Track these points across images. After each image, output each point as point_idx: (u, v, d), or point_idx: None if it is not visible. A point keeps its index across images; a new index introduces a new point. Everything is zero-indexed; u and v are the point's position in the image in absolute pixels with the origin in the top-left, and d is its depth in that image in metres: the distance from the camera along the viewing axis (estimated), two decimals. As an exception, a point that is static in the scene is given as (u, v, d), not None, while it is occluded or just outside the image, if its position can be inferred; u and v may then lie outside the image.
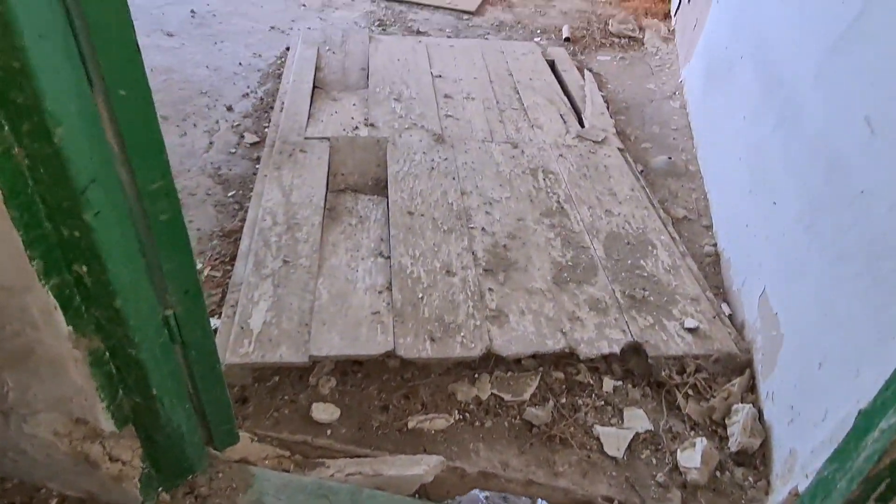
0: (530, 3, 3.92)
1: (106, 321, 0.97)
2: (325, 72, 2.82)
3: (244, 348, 1.52)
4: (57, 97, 0.74)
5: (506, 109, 2.63)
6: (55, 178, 0.79)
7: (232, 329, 1.57)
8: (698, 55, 2.83)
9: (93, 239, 0.86)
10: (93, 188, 0.82)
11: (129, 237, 0.93)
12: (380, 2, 3.72)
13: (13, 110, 0.73)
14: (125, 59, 0.81)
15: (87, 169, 0.81)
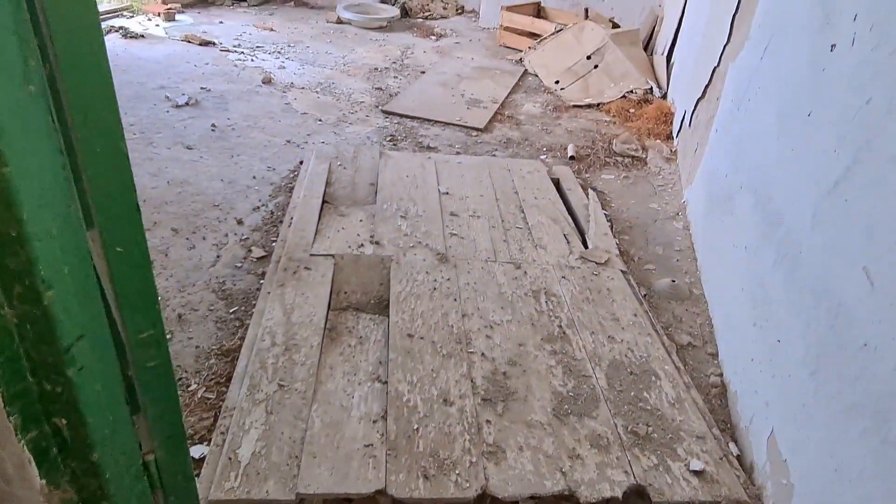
0: (537, 122, 4.07)
1: (82, 473, 0.94)
2: (335, 186, 2.90)
3: (230, 482, 1.47)
4: (51, 262, 0.75)
5: (510, 228, 2.67)
6: (42, 337, 0.79)
7: (220, 459, 1.52)
8: (700, 179, 2.90)
9: (74, 394, 0.85)
10: (79, 345, 0.82)
11: (112, 388, 0.92)
12: (392, 118, 3.89)
13: (5, 274, 0.75)
14: (125, 219, 0.83)
15: (75, 327, 0.81)
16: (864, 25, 1.45)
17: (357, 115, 3.85)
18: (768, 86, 2.14)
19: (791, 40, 1.97)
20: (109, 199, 0.81)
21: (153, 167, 2.95)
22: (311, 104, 3.92)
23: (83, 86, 0.75)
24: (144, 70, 4.06)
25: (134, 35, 4.62)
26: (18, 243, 0.72)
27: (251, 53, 4.64)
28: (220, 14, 5.55)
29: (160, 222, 2.57)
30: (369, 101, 4.08)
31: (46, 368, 0.84)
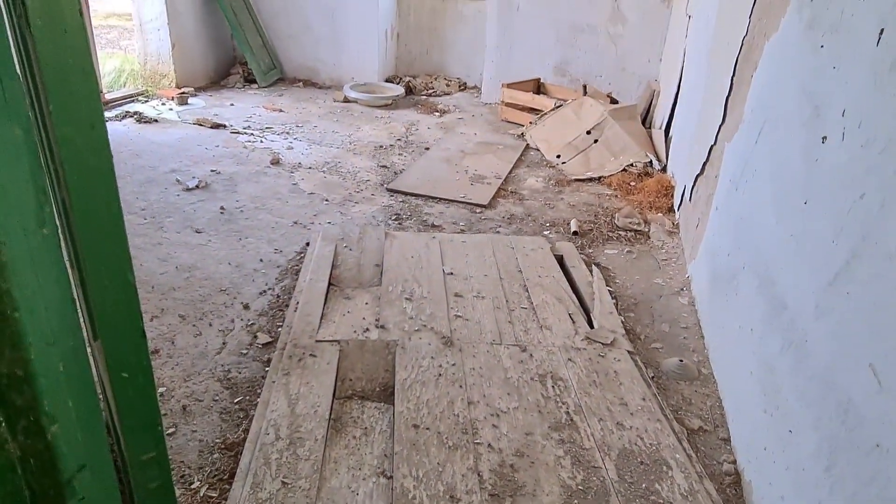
0: (540, 196, 4.14)
1: None
2: (340, 269, 2.94)
3: (231, 592, 1.42)
4: (56, 397, 0.76)
5: (515, 309, 2.68)
6: (44, 470, 0.80)
7: (220, 567, 1.48)
8: (702, 255, 2.92)
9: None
10: (80, 476, 0.82)
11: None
12: (397, 196, 3.96)
13: (11, 410, 0.76)
14: (131, 347, 0.85)
15: (77, 458, 0.81)
16: (853, 121, 1.50)
17: (363, 194, 3.93)
18: (764, 170, 2.18)
19: (783, 128, 2.02)
20: (116, 328, 0.83)
21: (162, 252, 2.99)
22: (318, 184, 4.01)
23: (95, 226, 0.78)
24: (157, 154, 4.19)
25: (148, 120, 4.79)
26: (25, 382, 0.74)
27: (260, 135, 4.78)
28: (232, 96, 5.76)
29: (167, 309, 2.59)
30: (375, 180, 4.17)
31: (48, 500, 0.83)
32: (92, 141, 0.74)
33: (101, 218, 0.78)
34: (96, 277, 0.81)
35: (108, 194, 0.79)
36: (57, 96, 0.71)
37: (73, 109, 0.72)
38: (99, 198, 0.78)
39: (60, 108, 0.72)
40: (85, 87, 0.72)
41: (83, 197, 0.77)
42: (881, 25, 1.41)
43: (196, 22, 5.78)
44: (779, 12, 2.25)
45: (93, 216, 0.78)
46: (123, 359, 0.86)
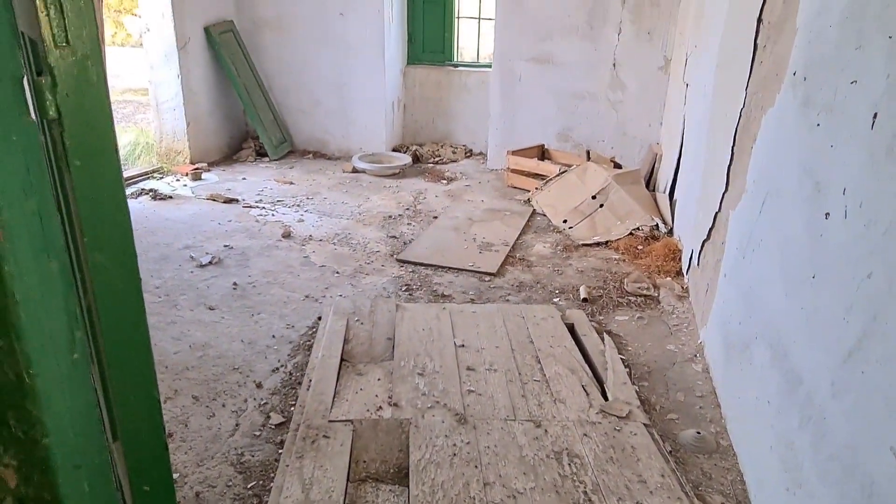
0: (548, 262, 4.17)
1: None
2: (352, 343, 2.95)
3: None
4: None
5: (528, 382, 2.67)
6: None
7: None
8: (714, 322, 2.91)
9: None
10: None
11: None
12: (407, 266, 4.00)
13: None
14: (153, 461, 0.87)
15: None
16: (854, 201, 1.53)
17: (373, 266, 3.98)
18: (769, 240, 2.21)
19: (786, 201, 2.06)
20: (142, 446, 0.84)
21: (176, 331, 3.02)
22: (328, 256, 4.07)
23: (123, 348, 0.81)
24: (171, 231, 4.28)
25: (163, 196, 4.91)
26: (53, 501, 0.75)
27: (272, 208, 4.89)
28: (244, 170, 5.92)
29: (181, 390, 2.59)
30: (384, 250, 4.23)
31: None
32: (123, 266, 0.78)
33: (129, 340, 0.81)
34: (122, 395, 0.83)
35: (136, 317, 0.82)
36: (91, 227, 0.75)
37: (106, 238, 0.76)
38: (128, 321, 0.81)
39: (94, 238, 0.76)
40: (118, 217, 0.77)
41: (113, 321, 0.80)
42: (874, 110, 1.47)
43: (210, 101, 6.00)
44: (773, 87, 2.33)
45: (121, 338, 0.81)
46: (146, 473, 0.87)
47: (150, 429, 0.86)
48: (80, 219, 0.75)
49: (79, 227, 0.76)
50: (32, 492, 0.75)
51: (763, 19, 2.61)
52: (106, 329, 0.80)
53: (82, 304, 0.83)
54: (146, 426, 0.86)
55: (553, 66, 5.93)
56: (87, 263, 0.77)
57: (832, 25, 1.80)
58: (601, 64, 5.82)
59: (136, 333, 0.82)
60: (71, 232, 0.77)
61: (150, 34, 5.49)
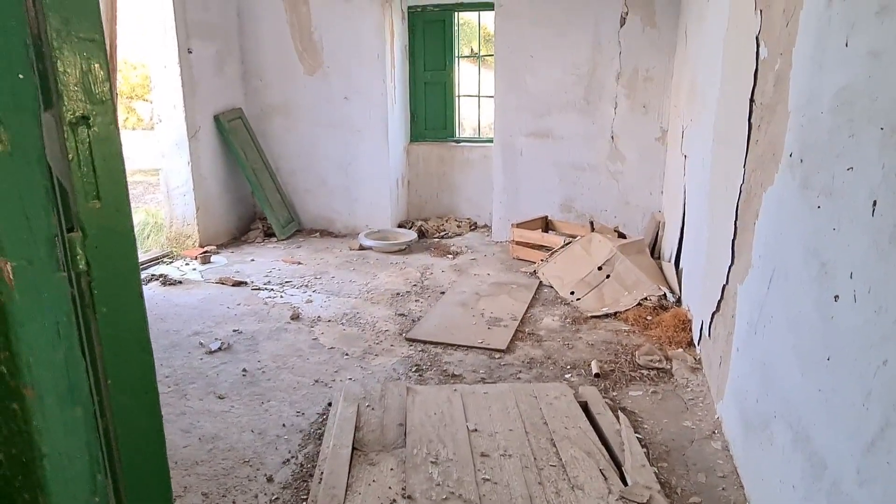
0: (557, 336, 4.15)
1: None
2: (363, 431, 2.90)
3: None
4: None
5: (544, 467, 2.60)
6: None
7: None
8: (730, 397, 2.87)
9: None
10: None
11: None
12: (416, 345, 3.99)
13: None
14: None
15: None
16: (862, 286, 1.54)
17: (382, 346, 3.96)
18: (780, 317, 2.20)
19: (794, 280, 2.07)
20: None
21: (185, 423, 2.99)
22: (337, 337, 4.06)
23: (142, 482, 0.81)
24: (181, 317, 4.30)
25: (172, 282, 4.96)
26: None
27: (280, 289, 4.92)
28: (253, 251, 5.99)
29: (190, 487, 2.54)
30: (393, 329, 4.22)
31: None
32: (145, 405, 0.79)
33: (149, 474, 0.81)
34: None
35: (156, 450, 0.82)
36: (115, 370, 0.76)
37: (129, 379, 0.78)
38: (149, 455, 0.81)
39: (117, 379, 0.77)
40: (140, 359, 0.78)
41: (134, 456, 0.80)
42: (873, 197, 1.50)
43: (219, 184, 6.15)
44: (771, 167, 2.38)
45: (142, 474, 0.81)
46: None
47: None
48: (104, 362, 0.76)
49: (102, 371, 0.78)
50: None
51: (755, 100, 2.70)
52: (127, 468, 0.80)
53: (102, 441, 0.83)
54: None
55: (553, 139, 6.09)
56: (110, 405, 0.78)
57: (824, 112, 1.86)
58: (600, 136, 5.98)
59: (156, 469, 0.82)
60: (94, 374, 0.78)
61: (161, 124, 5.69)
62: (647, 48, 5.65)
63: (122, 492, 0.82)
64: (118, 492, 0.82)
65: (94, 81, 0.69)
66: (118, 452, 0.80)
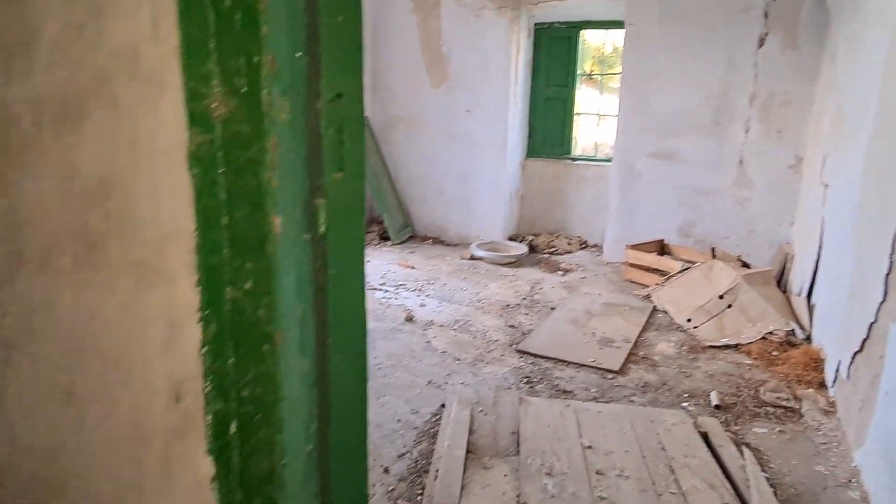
0: (673, 363, 4.00)
1: None
2: (477, 435, 2.93)
3: None
4: None
5: (663, 493, 2.52)
6: None
7: None
8: (873, 444, 2.65)
9: None
10: None
11: None
12: (527, 357, 3.98)
13: None
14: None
15: None
16: None
17: (493, 355, 3.99)
18: (948, 361, 2.02)
19: (968, 320, 1.90)
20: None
21: (308, 408, 3.15)
22: (449, 342, 4.13)
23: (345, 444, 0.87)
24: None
25: (296, 275, 5.25)
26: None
27: (395, 291, 5.08)
28: (368, 253, 6.22)
29: (313, 468, 2.67)
30: (503, 340, 4.24)
31: None
32: (357, 368, 0.86)
33: (352, 435, 0.88)
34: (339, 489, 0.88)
35: (361, 413, 0.89)
36: (336, 330, 0.84)
37: (346, 341, 0.85)
38: (355, 416, 0.88)
39: (337, 339, 0.84)
40: (357, 323, 0.85)
41: (342, 414, 0.87)
42: None
43: (342, 187, 6.44)
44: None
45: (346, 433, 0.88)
46: None
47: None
48: (328, 321, 0.83)
49: (325, 330, 0.85)
50: None
51: (925, 126, 2.50)
52: (335, 424, 0.86)
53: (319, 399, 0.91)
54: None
55: (675, 161, 5.91)
56: (327, 364, 0.85)
57: None
58: (726, 160, 5.73)
59: (358, 429, 0.89)
60: (319, 332, 0.86)
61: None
62: (785, 71, 5.38)
63: (328, 446, 0.89)
64: (325, 446, 0.90)
65: (348, 61, 0.76)
66: (329, 409, 0.87)
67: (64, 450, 0.78)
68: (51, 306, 0.74)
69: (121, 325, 0.71)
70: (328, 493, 0.87)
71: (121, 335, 0.72)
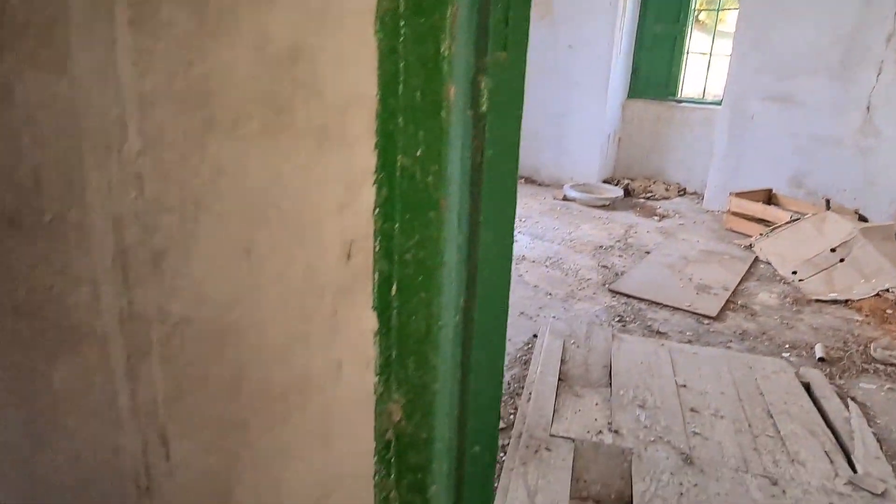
0: (775, 314, 3.86)
1: None
2: (568, 365, 2.97)
3: None
4: (439, 464, 0.89)
5: (759, 435, 2.48)
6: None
7: None
8: None
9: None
10: None
11: None
12: (619, 297, 3.95)
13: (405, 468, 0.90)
14: (486, 427, 0.97)
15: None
16: None
17: (584, 292, 3.98)
18: None
19: None
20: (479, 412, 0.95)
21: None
22: (541, 278, 4.15)
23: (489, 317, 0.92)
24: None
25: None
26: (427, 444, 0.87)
27: (487, 226, 5.11)
28: (460, 189, 6.27)
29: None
30: (596, 279, 4.21)
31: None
32: (502, 244, 0.90)
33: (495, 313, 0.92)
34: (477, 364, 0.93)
35: (502, 297, 0.93)
36: (487, 208, 0.87)
37: (494, 219, 0.88)
38: (496, 297, 0.92)
39: (487, 218, 0.87)
40: (508, 207, 0.88)
41: (486, 294, 0.91)
42: None
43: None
44: None
45: (489, 312, 0.92)
46: (479, 435, 0.97)
47: (490, 401, 0.96)
48: (481, 200, 0.86)
49: (477, 209, 0.88)
50: (411, 429, 0.88)
51: None
52: (480, 299, 0.91)
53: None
54: (488, 396, 0.96)
55: (793, 105, 5.52)
56: (476, 243, 0.89)
57: None
58: (851, 106, 5.29)
59: (499, 309, 0.93)
60: (471, 210, 0.89)
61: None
62: (933, 6, 4.84)
63: (472, 320, 0.94)
64: (470, 319, 0.94)
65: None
66: (475, 285, 0.91)
67: (240, 302, 0.87)
68: (237, 169, 0.81)
69: (301, 186, 0.77)
70: (468, 364, 0.93)
71: (300, 196, 0.78)
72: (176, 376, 0.97)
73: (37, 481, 1.31)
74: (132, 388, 1.03)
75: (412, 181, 0.77)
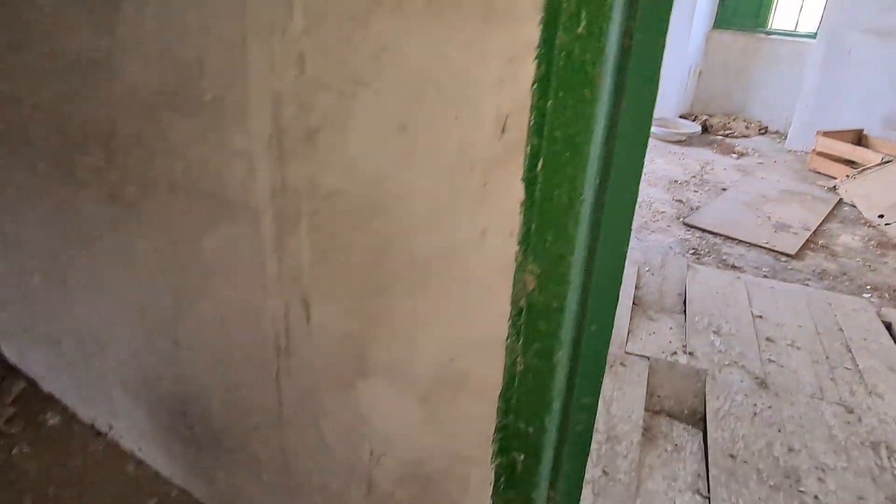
0: (857, 256, 3.76)
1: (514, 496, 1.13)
2: (643, 290, 3.01)
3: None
4: (565, 332, 0.97)
5: (837, 367, 2.49)
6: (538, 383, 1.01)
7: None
8: None
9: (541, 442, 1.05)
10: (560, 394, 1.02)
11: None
12: (694, 231, 3.91)
13: (533, 334, 0.97)
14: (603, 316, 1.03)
15: (560, 382, 1.01)
16: None
17: (658, 224, 3.96)
18: None
19: None
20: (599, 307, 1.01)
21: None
22: (614, 208, 4.13)
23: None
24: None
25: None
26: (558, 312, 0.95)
27: (560, 156, 5.07)
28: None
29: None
30: (670, 212, 4.16)
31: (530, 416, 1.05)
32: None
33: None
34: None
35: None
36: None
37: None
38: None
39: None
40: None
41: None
42: None
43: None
44: None
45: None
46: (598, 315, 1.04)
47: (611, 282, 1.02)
48: (625, 83, 0.89)
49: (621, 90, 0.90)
50: (543, 299, 0.95)
51: None
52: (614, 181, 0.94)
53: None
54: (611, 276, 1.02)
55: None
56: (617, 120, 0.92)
57: None
58: (964, 42, 4.91)
59: (631, 192, 0.97)
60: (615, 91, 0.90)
61: None
62: None
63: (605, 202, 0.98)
64: (601, 202, 0.98)
65: None
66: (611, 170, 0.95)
67: (391, 175, 0.95)
68: (399, 46, 0.86)
69: (462, 62, 0.82)
70: (597, 243, 0.98)
71: (460, 72, 0.83)
72: (322, 246, 1.07)
73: (179, 343, 1.46)
74: (279, 257, 1.13)
75: (570, 58, 0.81)
